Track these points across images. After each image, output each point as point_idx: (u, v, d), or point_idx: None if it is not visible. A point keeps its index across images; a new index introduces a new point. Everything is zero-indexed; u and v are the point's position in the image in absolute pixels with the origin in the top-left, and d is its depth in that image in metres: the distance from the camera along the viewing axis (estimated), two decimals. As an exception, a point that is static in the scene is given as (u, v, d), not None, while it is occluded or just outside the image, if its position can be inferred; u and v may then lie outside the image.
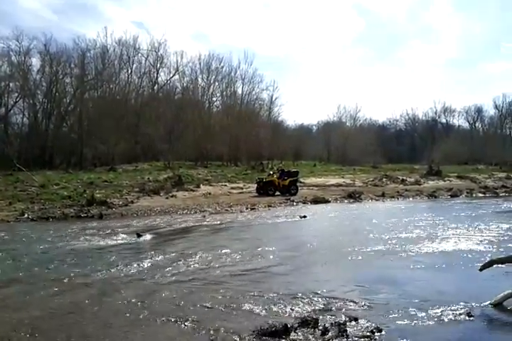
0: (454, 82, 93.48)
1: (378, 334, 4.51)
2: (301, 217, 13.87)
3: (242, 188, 22.55)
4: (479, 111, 67.77)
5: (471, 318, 4.95)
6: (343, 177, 28.80)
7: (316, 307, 5.36)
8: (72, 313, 5.27)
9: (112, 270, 7.28)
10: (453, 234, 10.68)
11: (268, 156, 42.84)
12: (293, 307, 5.35)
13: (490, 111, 67.35)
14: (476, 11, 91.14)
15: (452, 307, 5.25)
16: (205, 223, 12.95)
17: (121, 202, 16.53)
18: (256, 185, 21.38)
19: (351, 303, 5.50)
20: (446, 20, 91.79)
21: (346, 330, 4.53)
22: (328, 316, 5.02)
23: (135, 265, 7.61)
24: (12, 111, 38.27)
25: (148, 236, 10.45)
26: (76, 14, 72.22)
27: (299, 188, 21.94)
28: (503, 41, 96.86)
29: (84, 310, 5.36)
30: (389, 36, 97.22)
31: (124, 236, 10.45)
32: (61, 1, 68.98)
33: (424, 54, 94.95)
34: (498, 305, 5.36)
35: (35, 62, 39.89)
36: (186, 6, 79.92)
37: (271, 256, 8.39)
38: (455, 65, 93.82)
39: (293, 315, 5.06)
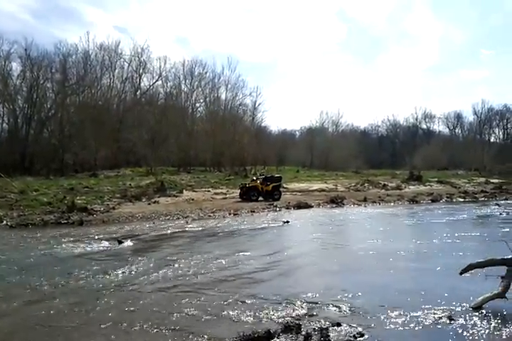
0: (435, 88, 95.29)
1: (361, 339, 4.53)
2: (284, 223, 13.87)
3: (225, 194, 22.49)
4: (459, 117, 69.14)
5: (452, 321, 5.00)
6: (325, 183, 28.95)
7: (299, 313, 5.35)
8: (50, 323, 5.15)
9: (92, 277, 7.16)
10: (433, 238, 10.80)
11: (251, 162, 42.81)
12: (276, 313, 5.33)
13: (469, 117, 68.78)
14: (456, 18, 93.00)
15: (433, 311, 5.30)
16: (188, 229, 12.85)
17: (102, 209, 16.32)
18: (239, 190, 21.34)
19: (334, 308, 5.52)
20: (426, 27, 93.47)
21: (329, 335, 4.53)
22: (311, 321, 5.02)
23: (115, 272, 7.50)
24: (-9, 117, 37.64)
25: (129, 243, 10.32)
26: (57, 18, 71.53)
27: (282, 194, 21.98)
28: (482, 48, 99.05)
29: (60, 320, 5.25)
30: (370, 42, 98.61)
31: (104, 242, 10.31)
32: (41, 4, 68.22)
33: (405, 60, 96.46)
34: (478, 308, 5.42)
35: (16, 66, 39.36)
36: (169, 11, 79.86)
37: (254, 262, 8.37)
38: (435, 71, 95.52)
39: (276, 321, 5.04)
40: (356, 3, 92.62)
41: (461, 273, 6.04)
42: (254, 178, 22.11)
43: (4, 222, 13.47)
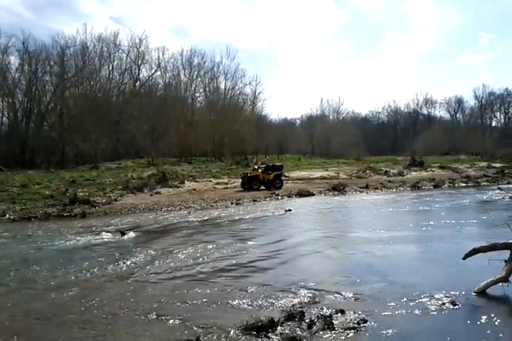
0: (435, 74, 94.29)
1: (364, 325, 4.52)
2: (286, 211, 13.88)
3: (227, 183, 22.48)
4: (460, 102, 68.59)
5: (456, 307, 5.00)
6: (327, 170, 28.91)
7: (303, 300, 5.35)
8: (54, 314, 5.17)
9: (95, 269, 7.17)
10: (435, 224, 10.80)
11: (252, 151, 42.71)
12: (279, 301, 5.34)
13: (470, 101, 68.32)
14: (455, 2, 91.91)
15: (437, 296, 5.29)
16: (190, 219, 12.86)
17: (104, 200, 16.33)
18: (241, 180, 21.33)
19: (338, 295, 5.51)
20: (424, 11, 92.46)
21: (333, 323, 4.53)
22: (315, 309, 5.02)
23: (118, 263, 7.51)
24: (-9, 111, 37.55)
25: (132, 234, 10.33)
26: (53, 11, 70.79)
27: (284, 182, 21.95)
28: (482, 32, 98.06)
29: (66, 311, 5.26)
30: (369, 29, 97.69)
31: (107, 234, 10.31)
32: (37, -3, 67.37)
33: (404, 46, 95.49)
34: (481, 292, 5.42)
35: (14, 60, 39.13)
36: (165, 1, 78.96)
37: (256, 250, 8.38)
38: (435, 56, 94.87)
39: (279, 309, 5.04)
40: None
41: (464, 258, 6.01)
42: (256, 167, 22.08)
43: (7, 216, 13.47)
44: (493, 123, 65.96)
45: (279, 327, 4.46)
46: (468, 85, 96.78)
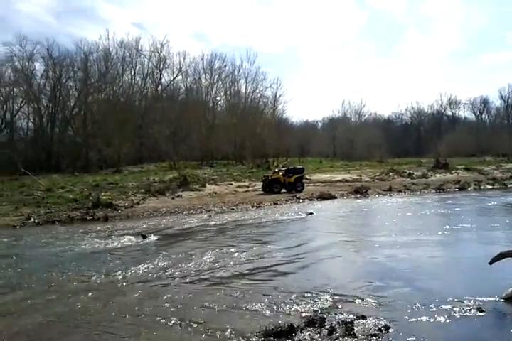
0: (459, 74, 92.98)
1: (387, 332, 4.40)
2: (307, 214, 13.77)
3: (247, 186, 22.47)
4: (485, 102, 67.37)
5: (482, 313, 4.82)
6: (349, 173, 28.64)
7: (323, 306, 5.26)
8: (76, 318, 5.20)
9: (116, 272, 7.21)
10: (460, 228, 10.54)
11: (273, 154, 42.70)
12: (300, 307, 5.26)
13: (496, 102, 66.88)
14: (478, 1, 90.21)
15: (462, 303, 5.12)
16: (211, 222, 12.86)
17: (126, 204, 16.49)
18: (262, 183, 21.28)
19: (359, 300, 5.40)
20: (446, 11, 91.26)
21: (354, 329, 4.43)
22: (336, 314, 4.92)
23: (139, 267, 7.53)
24: (17, 117, 38.56)
25: (153, 238, 10.38)
26: (75, 17, 72.53)
27: (306, 185, 21.81)
28: (507, 31, 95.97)
29: (88, 315, 5.29)
30: (391, 29, 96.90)
31: (129, 237, 10.38)
32: (59, 4, 69.17)
33: (426, 46, 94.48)
34: (509, 298, 5.22)
35: (39, 66, 40.16)
36: (185, 6, 79.99)
37: (278, 255, 8.30)
38: (459, 56, 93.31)
39: (299, 315, 4.96)
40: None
41: (490, 263, 5.82)
42: (276, 170, 22.00)
43: (32, 220, 13.72)
44: (520, 124, 64.34)
45: (298, 333, 4.38)
46: (494, 85, 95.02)
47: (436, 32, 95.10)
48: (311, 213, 13.91)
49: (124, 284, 6.58)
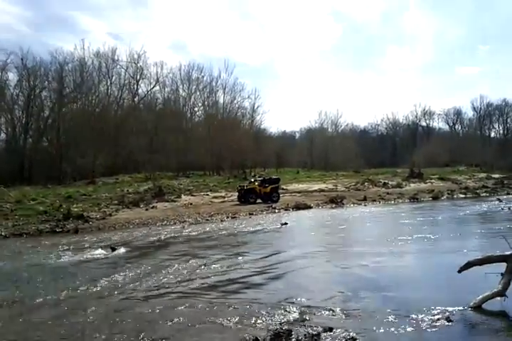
0: (433, 86, 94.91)
1: (353, 344, 4.31)
2: (282, 224, 13.68)
3: (224, 197, 22.31)
4: (458, 113, 68.85)
5: (451, 323, 4.78)
6: (325, 183, 28.74)
7: (292, 318, 5.15)
8: (36, 335, 4.95)
9: (82, 286, 6.97)
10: (430, 237, 10.58)
11: (251, 164, 42.67)
12: (267, 319, 5.13)
13: (468, 113, 68.40)
14: (451, 14, 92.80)
15: (431, 312, 5.08)
16: (184, 234, 12.67)
17: (98, 216, 16.16)
18: (237, 193, 21.13)
19: (328, 312, 5.30)
20: (421, 24, 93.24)
21: (320, 341, 4.32)
22: (303, 327, 4.80)
23: (106, 280, 7.31)
24: (-11, 127, 37.63)
25: (123, 250, 10.14)
26: (51, 27, 71.43)
27: (282, 195, 21.77)
28: (478, 44, 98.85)
29: (47, 332, 5.05)
30: (366, 42, 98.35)
31: (98, 250, 10.12)
32: (35, 14, 68.22)
33: (401, 58, 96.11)
34: (477, 307, 5.20)
35: (12, 76, 39.35)
36: (163, 16, 79.84)
37: (249, 266, 8.18)
38: (433, 68, 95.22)
39: (266, 328, 4.83)
40: (350, 3, 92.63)
41: (459, 271, 5.80)
42: (252, 180, 21.88)
43: (-2, 232, 13.29)
44: (492, 134, 66.11)
45: (263, 347, 4.26)
46: (467, 97, 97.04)
47: (411, 44, 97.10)
48: (286, 223, 13.83)
49: (89, 298, 6.35)
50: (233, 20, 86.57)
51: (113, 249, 10.05)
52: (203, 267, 8.11)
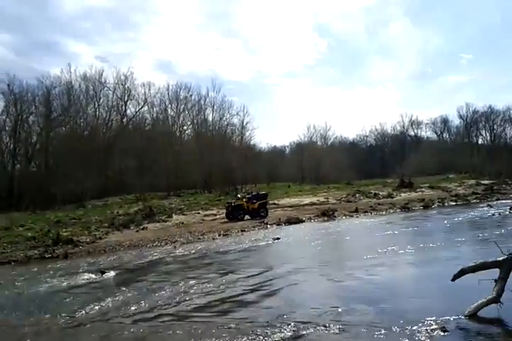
0: (419, 96, 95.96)
1: (348, 360, 4.20)
2: (274, 240, 13.57)
3: (215, 215, 22.12)
4: (445, 121, 69.54)
5: (446, 333, 4.69)
6: (316, 196, 28.67)
7: (285, 335, 5.05)
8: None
9: (71, 313, 6.79)
10: (423, 246, 10.53)
11: (242, 181, 42.58)
12: (260, 338, 5.02)
13: (455, 121, 69.09)
14: (433, 25, 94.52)
15: (427, 323, 4.99)
16: (175, 254, 12.48)
17: (88, 239, 15.92)
18: (225, 210, 20.93)
19: (322, 328, 5.19)
20: (404, 36, 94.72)
21: (314, 359, 4.21)
22: (297, 344, 4.70)
23: (96, 305, 7.14)
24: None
25: (113, 273, 9.95)
26: (37, 52, 71.51)
27: (273, 210, 21.68)
28: (462, 53, 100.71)
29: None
30: (351, 55, 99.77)
31: (87, 275, 9.94)
32: (20, 39, 68.33)
33: (387, 70, 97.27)
34: (472, 315, 5.12)
35: (-1, 102, 39.19)
36: (148, 38, 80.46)
37: (241, 284, 8.05)
38: (418, 78, 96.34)
39: (259, 347, 4.72)
40: (334, 18, 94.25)
41: (453, 280, 5.74)
42: (239, 196, 21.63)
43: (-15, 261, 13.02)
44: (480, 141, 66.69)
45: (256, 368, 4.14)
46: (453, 105, 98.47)
47: (395, 56, 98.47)
48: (278, 238, 13.72)
49: (78, 325, 6.19)
50: (217, 37, 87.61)
51: (103, 273, 9.86)
52: (194, 287, 7.96)
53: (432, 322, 5.01)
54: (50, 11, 72.50)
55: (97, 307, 7.02)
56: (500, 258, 5.56)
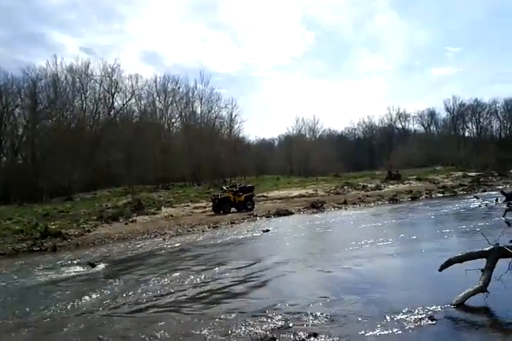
0: (406, 88, 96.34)
1: (338, 349, 4.25)
2: (263, 232, 13.61)
3: (205, 207, 22.08)
4: (432, 114, 70.07)
5: (434, 322, 4.75)
6: (305, 188, 28.79)
7: (275, 326, 5.06)
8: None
9: (60, 305, 6.76)
10: (411, 237, 10.65)
11: (231, 173, 42.58)
12: (250, 328, 5.03)
13: (442, 113, 69.67)
14: (420, 17, 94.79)
15: (415, 312, 5.04)
16: (165, 246, 12.46)
17: (77, 232, 15.82)
18: (211, 203, 20.89)
19: (312, 318, 5.23)
20: (391, 27, 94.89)
21: (304, 348, 4.25)
22: (287, 334, 4.73)
23: (85, 297, 7.11)
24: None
25: (102, 266, 9.92)
26: (22, 44, 70.39)
27: (263, 202, 21.74)
28: (448, 46, 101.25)
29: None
30: (339, 47, 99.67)
31: (76, 267, 9.90)
32: (4, 31, 67.13)
33: (374, 62, 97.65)
34: (460, 305, 5.20)
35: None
36: (135, 30, 79.54)
37: (230, 275, 8.08)
38: (405, 71, 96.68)
39: (250, 336, 4.75)
40: (322, 10, 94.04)
41: (440, 270, 5.81)
42: (225, 189, 21.54)
43: (-29, 254, 12.88)
44: (466, 134, 67.38)
45: (247, 357, 4.17)
46: (440, 98, 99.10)
47: (383, 48, 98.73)
48: (268, 230, 13.77)
49: (67, 317, 6.16)
50: (203, 29, 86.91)
51: (92, 265, 9.82)
52: (183, 279, 7.96)
53: (420, 311, 5.07)
54: (34, 2, 71.32)
55: (84, 300, 6.99)
56: (487, 248, 5.64)
